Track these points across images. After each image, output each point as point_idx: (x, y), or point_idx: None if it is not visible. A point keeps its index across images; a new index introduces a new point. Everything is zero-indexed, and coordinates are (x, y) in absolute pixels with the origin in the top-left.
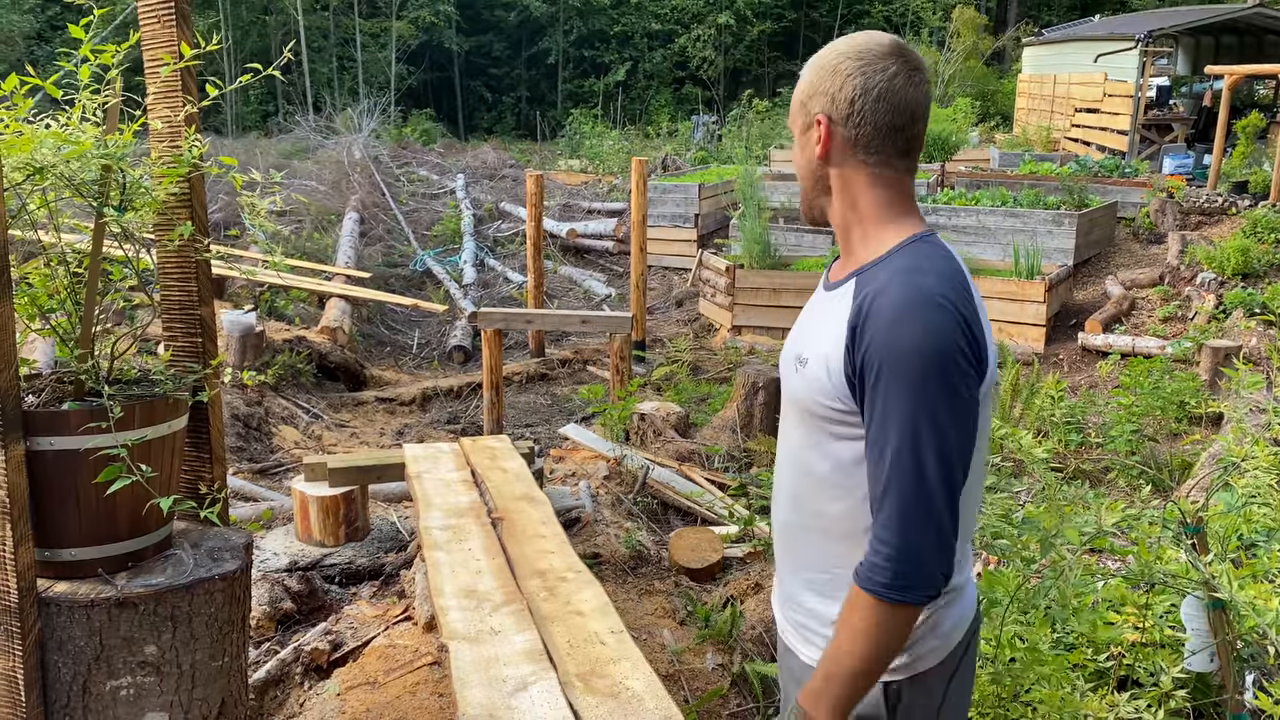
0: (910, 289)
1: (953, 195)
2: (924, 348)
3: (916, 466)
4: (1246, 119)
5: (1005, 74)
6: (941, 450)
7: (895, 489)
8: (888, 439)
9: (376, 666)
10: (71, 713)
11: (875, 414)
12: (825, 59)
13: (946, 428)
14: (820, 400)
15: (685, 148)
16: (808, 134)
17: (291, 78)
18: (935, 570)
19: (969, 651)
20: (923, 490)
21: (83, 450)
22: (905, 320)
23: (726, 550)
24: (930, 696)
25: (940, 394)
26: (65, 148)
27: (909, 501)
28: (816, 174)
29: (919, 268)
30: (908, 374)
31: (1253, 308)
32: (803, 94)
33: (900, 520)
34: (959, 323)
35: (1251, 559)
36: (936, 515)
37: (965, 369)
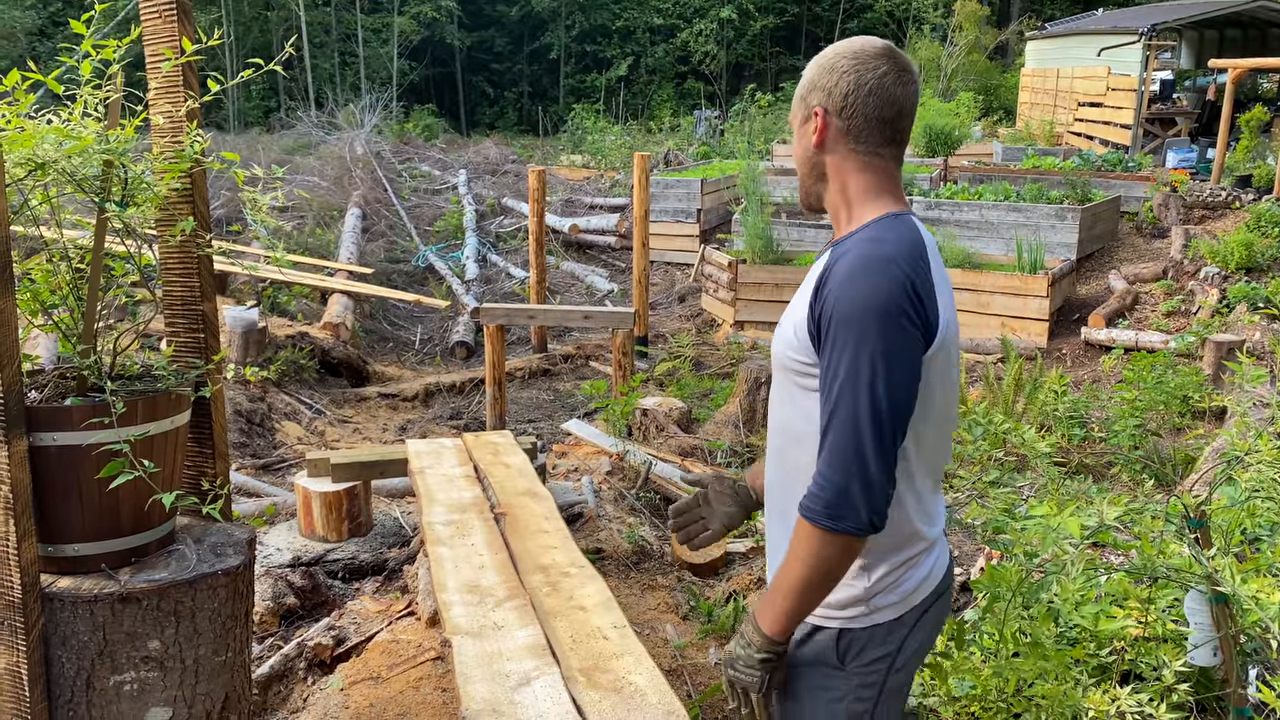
0: (865, 253)
1: (955, 190)
2: (869, 303)
3: (852, 408)
4: (1250, 113)
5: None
6: (874, 396)
7: (833, 426)
8: (833, 381)
9: (380, 661)
10: (75, 708)
11: (826, 361)
12: (824, 58)
13: (882, 377)
14: (790, 355)
15: (687, 143)
16: (806, 125)
17: (293, 73)
18: (860, 505)
19: (932, 611)
20: (855, 430)
21: (85, 446)
22: (857, 279)
23: (729, 545)
24: (883, 646)
25: (879, 345)
26: (67, 143)
27: (843, 439)
28: (813, 161)
29: (880, 238)
30: (852, 325)
31: (1256, 302)
32: (803, 89)
33: (833, 455)
34: (905, 284)
35: (1255, 553)
36: (863, 454)
37: (906, 327)
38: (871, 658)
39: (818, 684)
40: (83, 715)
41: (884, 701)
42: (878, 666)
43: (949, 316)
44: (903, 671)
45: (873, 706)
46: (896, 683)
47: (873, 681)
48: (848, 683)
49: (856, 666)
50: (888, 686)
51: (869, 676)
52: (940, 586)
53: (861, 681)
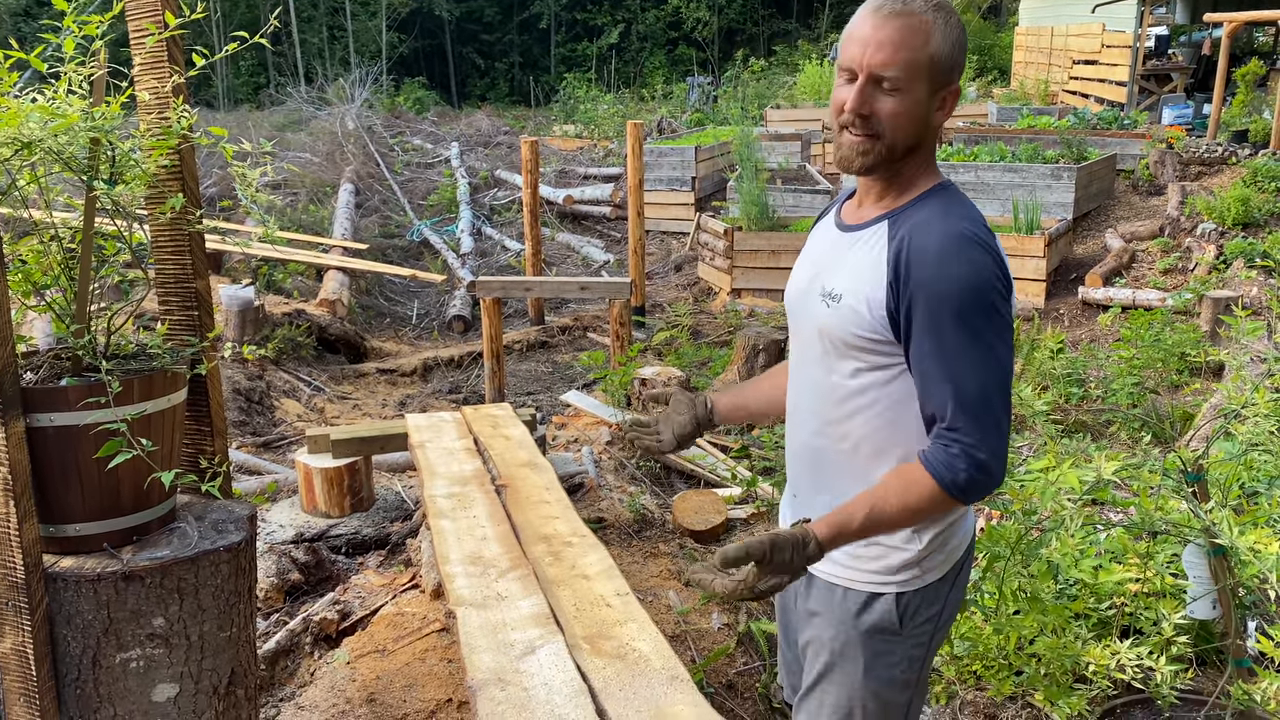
0: (951, 231)
1: (951, 151)
2: (973, 283)
3: (982, 381)
4: (1246, 67)
5: (1002, 27)
6: (1000, 368)
7: (964, 401)
8: (951, 358)
9: (385, 634)
10: (82, 686)
11: (933, 340)
12: (953, 18)
13: (1000, 350)
14: (856, 332)
15: (681, 110)
16: (932, 101)
17: (282, 48)
18: (995, 475)
19: (965, 566)
20: (987, 404)
21: (83, 426)
22: (951, 260)
23: (730, 512)
24: (932, 605)
25: (990, 320)
26: (52, 121)
27: (981, 411)
28: (919, 137)
29: (952, 211)
30: (962, 304)
31: (1253, 257)
32: (942, 57)
33: (972, 427)
34: (995, 258)
35: (1253, 506)
36: (1000, 427)
37: (1004, 296)
38: (924, 618)
39: (878, 650)
40: (90, 693)
41: (929, 658)
42: (927, 627)
43: None
44: (945, 628)
45: (921, 666)
46: (939, 639)
47: (922, 641)
48: (903, 646)
49: (911, 628)
50: (933, 644)
51: (920, 637)
52: (971, 542)
53: (915, 643)
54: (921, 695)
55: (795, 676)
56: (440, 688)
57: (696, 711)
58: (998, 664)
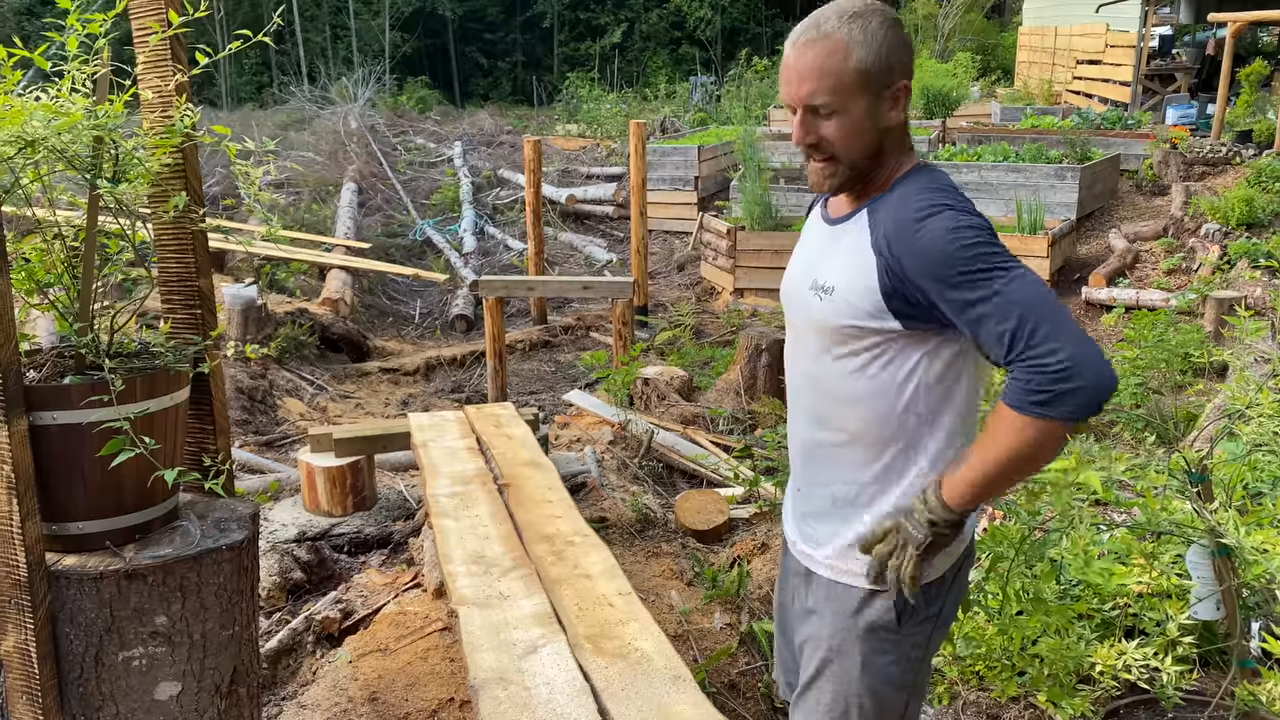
0: (923, 203)
1: (954, 151)
2: (955, 232)
3: (1022, 308)
4: (1250, 67)
5: (1006, 26)
6: (1026, 284)
7: (1020, 333)
8: (986, 310)
9: (387, 633)
10: (85, 684)
11: (958, 304)
12: (871, 24)
13: (1014, 269)
14: (849, 323)
15: (684, 109)
16: (878, 106)
17: (285, 48)
18: (1099, 370)
19: (964, 566)
20: (1040, 318)
21: (86, 424)
22: (927, 228)
23: (732, 511)
24: (932, 604)
25: (992, 253)
26: (56, 119)
27: (1035, 331)
28: (879, 143)
29: (924, 186)
30: (959, 258)
31: (1257, 258)
32: (870, 64)
33: (1044, 343)
34: (974, 215)
35: (1257, 507)
36: (1068, 328)
37: (998, 240)
38: (922, 617)
39: (875, 648)
40: (92, 691)
41: (927, 657)
42: (925, 626)
43: None
44: (944, 628)
45: (919, 666)
46: (938, 639)
47: (920, 641)
48: (901, 645)
49: (910, 627)
50: (932, 643)
51: (918, 636)
52: (970, 543)
53: (913, 642)
54: (919, 695)
55: (792, 674)
56: (442, 687)
57: (699, 711)
58: (1001, 664)
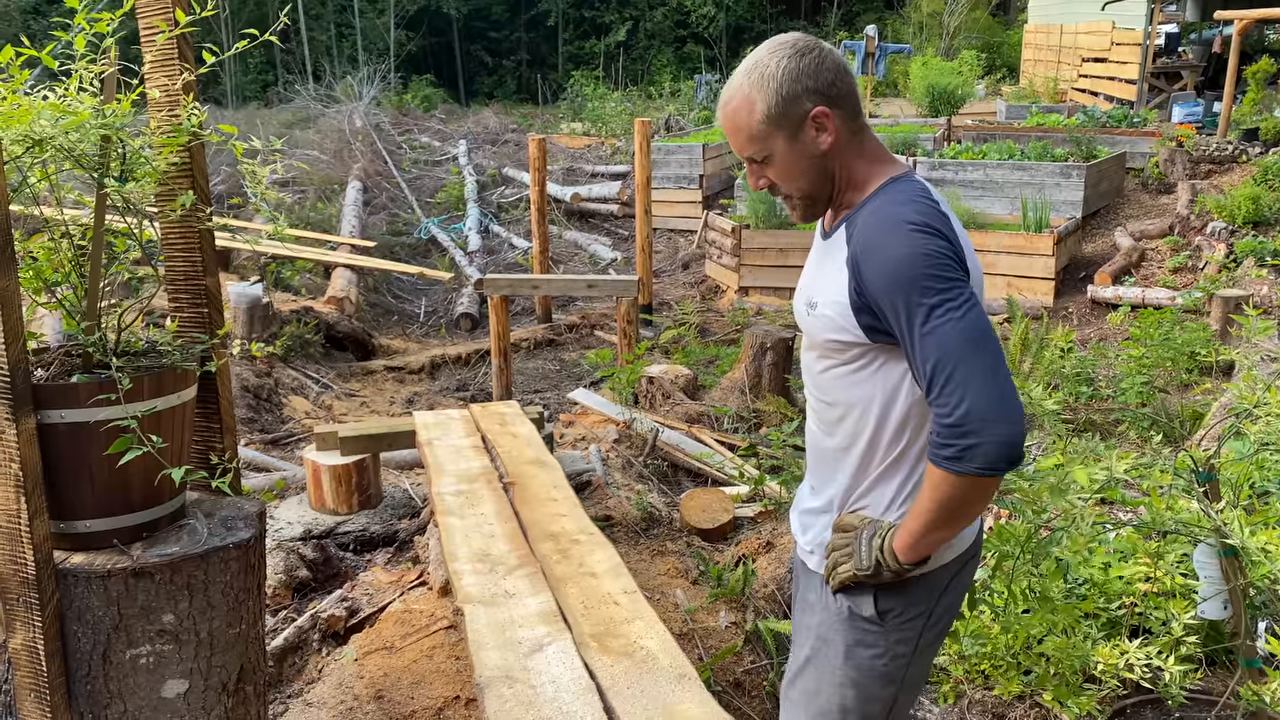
0: (883, 223)
1: (959, 149)
2: (910, 259)
3: (942, 354)
4: (1257, 64)
5: (1011, 24)
6: (960, 328)
7: (937, 375)
8: (919, 341)
9: (393, 631)
10: (93, 682)
11: (902, 331)
12: (770, 67)
13: (954, 309)
14: (831, 337)
15: (688, 108)
16: (800, 138)
17: (290, 46)
18: (997, 427)
19: (963, 571)
20: (957, 367)
21: (93, 422)
22: (887, 247)
23: (737, 510)
24: (919, 603)
25: (936, 289)
26: (63, 119)
27: (949, 382)
28: (821, 166)
29: (892, 200)
30: (904, 284)
31: (1264, 256)
32: (772, 107)
33: (953, 396)
34: (934, 236)
35: (1264, 506)
36: (976, 382)
37: (950, 266)
38: (910, 615)
39: (858, 638)
40: (100, 689)
41: (919, 656)
42: (915, 623)
43: (975, 267)
44: (937, 627)
45: (907, 663)
46: (930, 638)
47: (908, 637)
48: (886, 639)
49: (895, 623)
50: (922, 642)
51: (906, 632)
52: (973, 547)
53: (899, 638)
54: (910, 692)
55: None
56: (448, 685)
57: (704, 710)
58: (1006, 663)
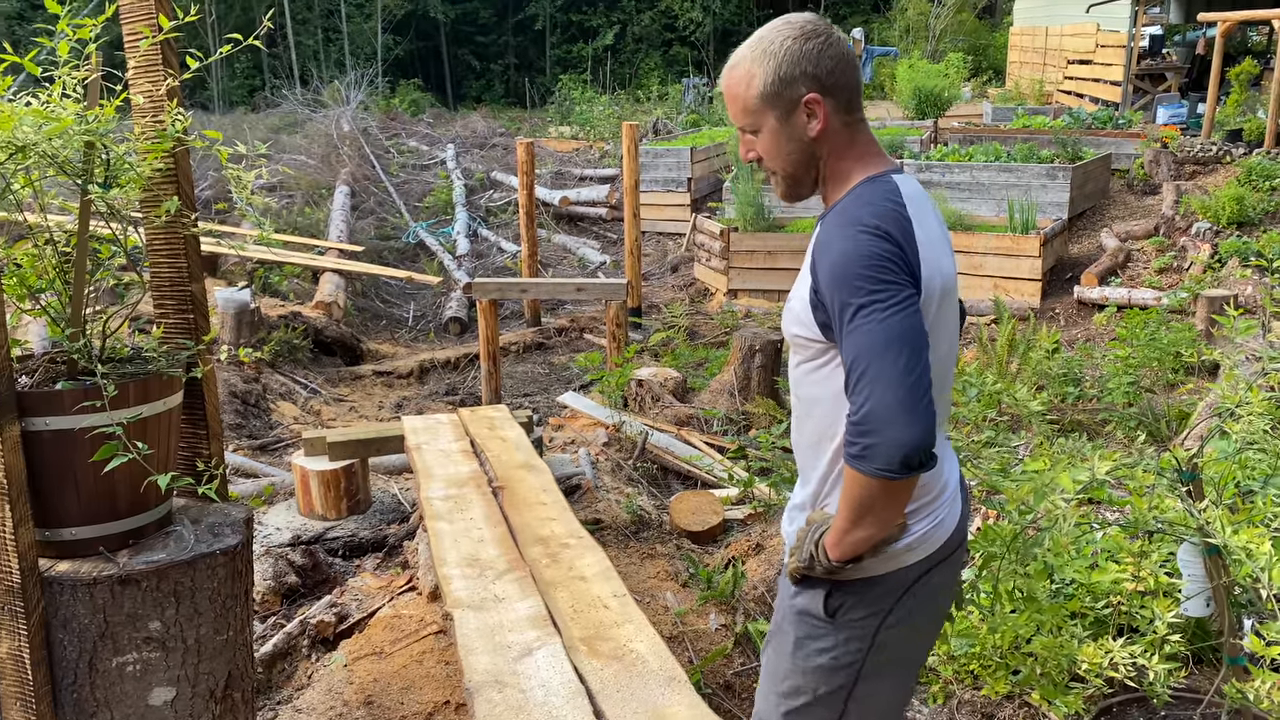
0: (840, 222)
1: (946, 151)
2: (847, 258)
3: (857, 354)
4: (1240, 66)
5: (997, 27)
6: (879, 331)
7: (852, 376)
8: (845, 344)
9: (382, 637)
10: (79, 690)
11: (837, 328)
12: (774, 45)
13: (877, 313)
14: (796, 332)
15: (676, 111)
16: (792, 120)
17: (277, 51)
18: (896, 435)
19: (928, 575)
20: (868, 369)
21: (78, 430)
22: (835, 245)
23: (727, 512)
24: (875, 604)
25: (865, 290)
26: (46, 125)
27: (859, 383)
28: (808, 152)
29: (855, 202)
30: (842, 284)
31: (1248, 256)
32: (769, 84)
33: (858, 397)
34: (880, 238)
35: (1248, 505)
36: (884, 390)
37: (889, 269)
38: (861, 614)
39: (806, 634)
40: (86, 697)
41: (875, 652)
42: (868, 622)
43: (937, 269)
44: (897, 629)
45: (861, 659)
46: (892, 637)
47: (861, 635)
48: (836, 635)
49: (846, 620)
50: (878, 641)
51: (858, 630)
52: (943, 550)
53: (850, 634)
54: (872, 686)
55: None
56: (438, 690)
57: (694, 712)
58: (994, 663)
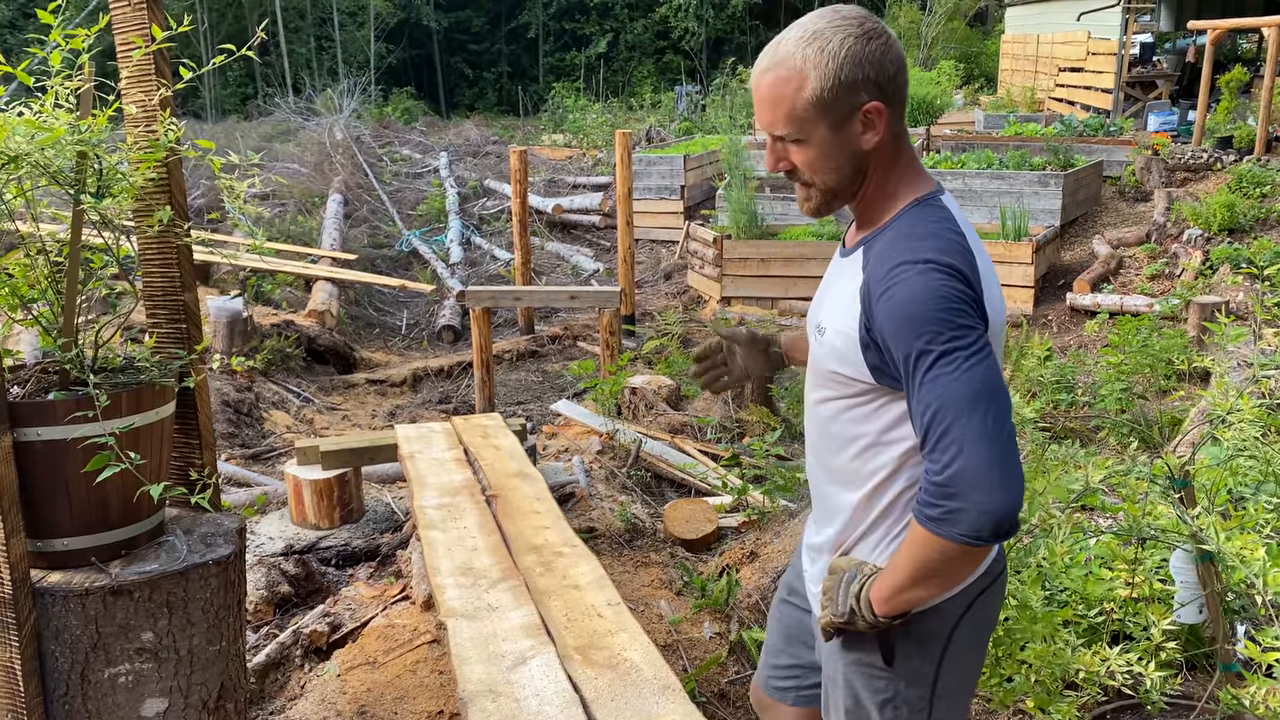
0: (901, 256)
1: (938, 159)
2: (921, 299)
3: (940, 409)
4: (1230, 73)
5: (988, 35)
6: (961, 384)
7: (932, 431)
8: (917, 396)
9: (376, 646)
10: (71, 701)
11: (905, 377)
12: (830, 43)
13: (960, 363)
14: (836, 369)
15: (669, 119)
16: (844, 130)
17: (269, 59)
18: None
19: (980, 606)
20: (951, 426)
21: (70, 440)
22: (900, 284)
23: (721, 520)
24: (923, 648)
25: (943, 337)
26: (39, 135)
27: (941, 440)
28: (856, 165)
29: (914, 230)
30: (915, 333)
31: (1239, 263)
32: (826, 90)
33: (942, 457)
34: (953, 278)
35: (1240, 511)
36: (970, 447)
37: (966, 312)
38: (919, 658)
39: (865, 684)
40: (78, 708)
41: (938, 702)
42: (926, 668)
43: (996, 305)
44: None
45: (927, 705)
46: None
47: (922, 679)
48: (898, 683)
49: (906, 668)
50: (939, 689)
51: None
52: (983, 579)
53: (910, 680)
54: None
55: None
56: (431, 700)
57: None
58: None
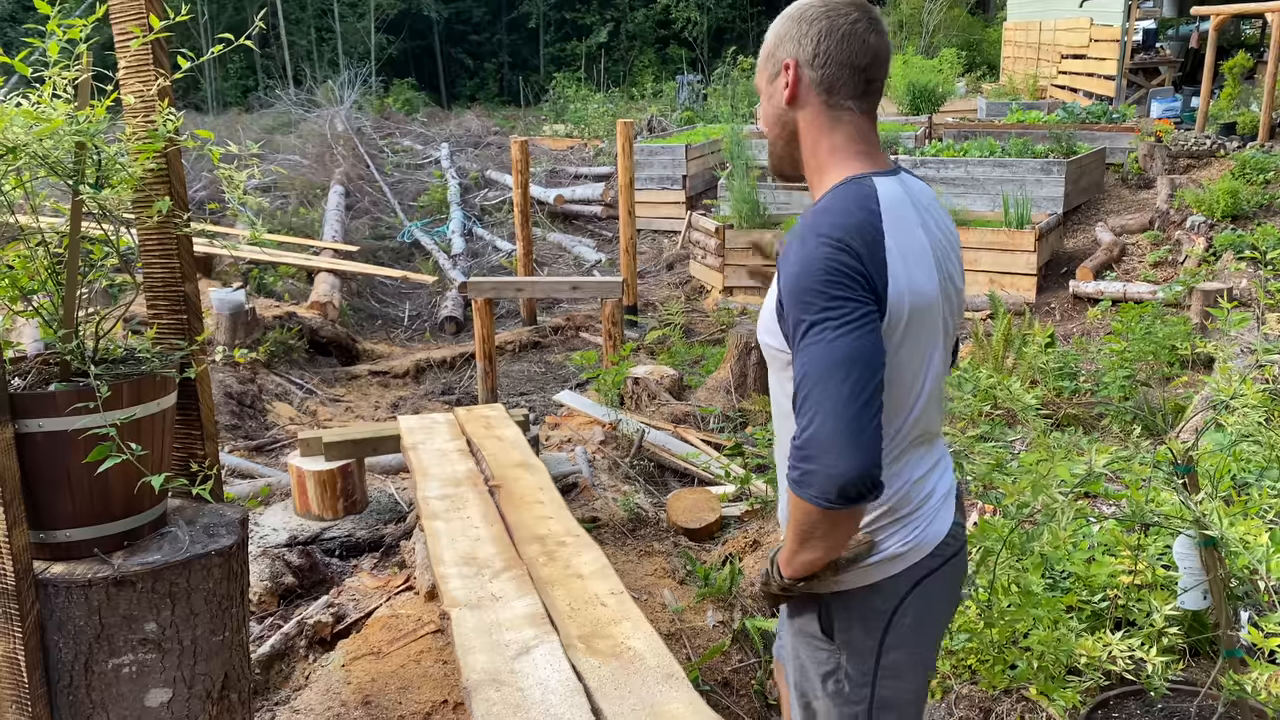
0: (805, 227)
1: (941, 147)
2: (799, 272)
3: (805, 374)
4: (1233, 59)
5: (990, 22)
6: (824, 352)
7: (798, 398)
8: (799, 360)
9: (380, 637)
10: (75, 692)
11: (794, 349)
12: (793, 10)
13: (826, 331)
14: (766, 341)
15: (671, 108)
16: (776, 82)
17: (270, 51)
18: (836, 467)
19: (928, 588)
20: (812, 392)
21: (72, 431)
22: (794, 254)
23: (724, 509)
24: (865, 625)
25: (815, 306)
26: (37, 125)
27: (804, 405)
28: (783, 120)
29: (825, 209)
30: (796, 298)
31: (1242, 249)
32: (770, 45)
33: (801, 421)
34: (835, 249)
35: (1243, 497)
36: (826, 416)
37: (844, 285)
38: (861, 633)
39: (811, 655)
40: (82, 699)
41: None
42: (868, 643)
43: (908, 286)
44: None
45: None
46: (895, 661)
47: (864, 655)
48: (838, 656)
49: (845, 640)
50: (883, 665)
51: (859, 650)
52: (931, 560)
53: (852, 654)
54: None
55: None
56: (435, 689)
57: (692, 709)
58: (992, 657)
